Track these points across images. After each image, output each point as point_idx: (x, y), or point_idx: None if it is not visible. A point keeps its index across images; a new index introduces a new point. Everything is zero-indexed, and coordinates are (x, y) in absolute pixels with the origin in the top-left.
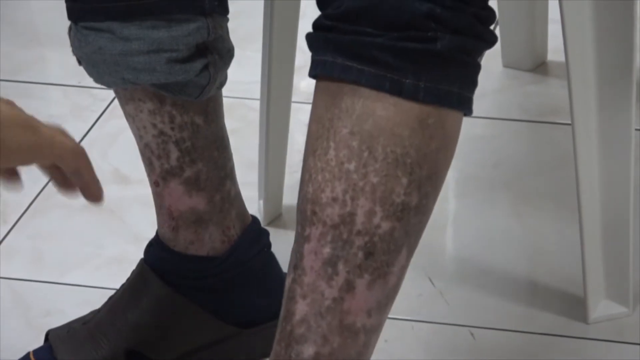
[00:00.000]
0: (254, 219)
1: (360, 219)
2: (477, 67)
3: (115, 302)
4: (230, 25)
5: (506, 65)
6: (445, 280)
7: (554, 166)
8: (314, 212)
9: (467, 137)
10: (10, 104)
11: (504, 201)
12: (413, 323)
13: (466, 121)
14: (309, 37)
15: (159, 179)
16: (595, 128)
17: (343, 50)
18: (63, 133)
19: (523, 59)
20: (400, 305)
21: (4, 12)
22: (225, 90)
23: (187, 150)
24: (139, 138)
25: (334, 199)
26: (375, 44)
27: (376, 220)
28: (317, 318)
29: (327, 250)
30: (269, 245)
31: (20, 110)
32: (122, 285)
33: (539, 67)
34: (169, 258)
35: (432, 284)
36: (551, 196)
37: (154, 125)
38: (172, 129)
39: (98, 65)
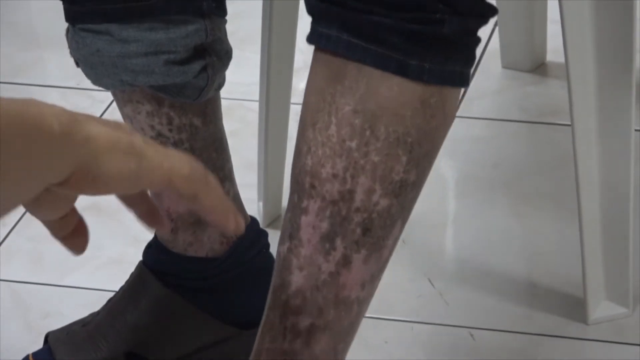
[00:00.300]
0: (253, 219)
1: (359, 196)
2: (477, 42)
3: (115, 304)
4: (229, 26)
5: (505, 66)
6: (445, 281)
7: (554, 167)
8: (312, 186)
9: (467, 138)
10: (118, 126)
11: (504, 202)
12: (412, 324)
13: (465, 122)
14: (313, 5)
15: None
16: (595, 128)
17: (350, 27)
18: (177, 156)
19: (522, 60)
20: (399, 306)
21: (3, 14)
22: (224, 92)
23: (185, 152)
24: None
25: (334, 175)
26: (383, 25)
27: (375, 197)
28: (314, 291)
29: (325, 225)
30: (267, 245)
31: (126, 132)
32: (121, 287)
33: (538, 67)
34: (167, 259)
35: (432, 284)
36: (551, 196)
37: (152, 127)
38: (170, 130)
39: (96, 67)
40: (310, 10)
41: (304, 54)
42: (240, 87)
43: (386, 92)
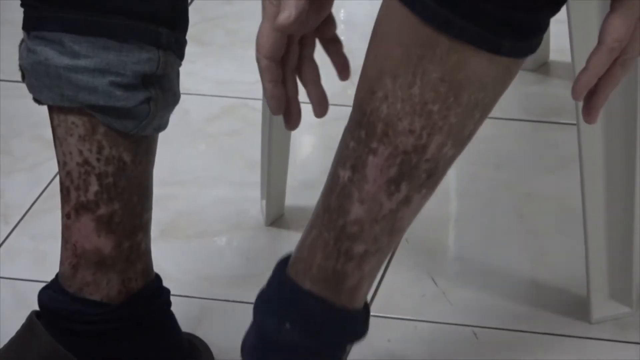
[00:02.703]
0: (157, 276)
1: (431, 150)
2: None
3: (1, 356)
4: (232, 26)
5: None
6: (448, 280)
7: (557, 166)
8: (385, 134)
9: None
10: None
11: (507, 201)
12: (416, 323)
13: None
14: None
15: (72, 211)
16: (601, 128)
17: (449, 3)
18: None
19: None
20: (403, 305)
21: (5, 13)
22: (227, 91)
23: (107, 187)
24: (62, 165)
25: (411, 132)
26: (482, 9)
27: (445, 150)
28: (372, 223)
29: (394, 170)
30: (168, 303)
31: None
32: (11, 338)
33: (541, 67)
34: (61, 299)
35: (435, 284)
36: (554, 196)
37: (81, 153)
38: (98, 160)
39: (40, 78)
40: None
41: None
42: (242, 85)
43: (476, 66)
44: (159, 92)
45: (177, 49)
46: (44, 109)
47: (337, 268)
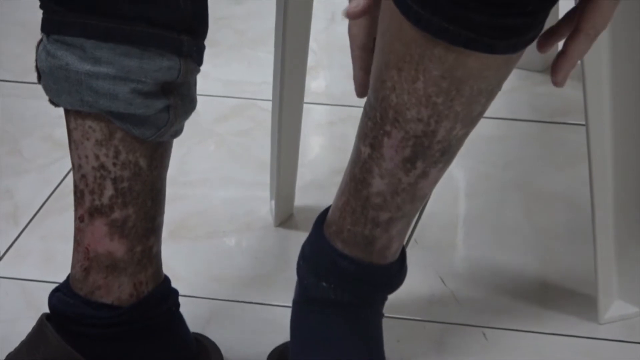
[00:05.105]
0: (166, 278)
1: (441, 133)
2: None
3: (13, 358)
4: (240, 26)
5: (517, 65)
6: (457, 280)
7: (565, 166)
8: (396, 119)
9: (478, 138)
10: None
11: (515, 201)
12: (425, 323)
13: None
14: None
15: (86, 214)
16: (609, 127)
17: (442, 12)
18: None
19: (533, 60)
20: (412, 306)
21: (16, 14)
22: (236, 91)
23: (122, 191)
24: (77, 168)
25: (419, 120)
26: (477, 20)
27: (455, 132)
28: (394, 195)
29: (408, 151)
30: (177, 305)
31: None
32: (22, 341)
33: (550, 67)
34: (72, 303)
35: (444, 284)
36: (562, 196)
37: (97, 157)
38: (115, 164)
39: (59, 82)
40: None
41: (316, 53)
42: (251, 86)
43: (474, 63)
44: (178, 99)
45: (197, 56)
46: (54, 109)
47: (365, 233)
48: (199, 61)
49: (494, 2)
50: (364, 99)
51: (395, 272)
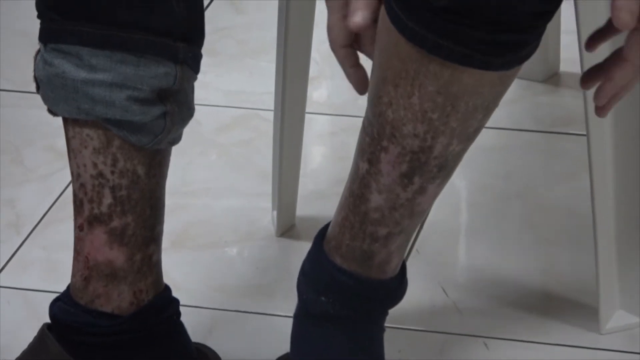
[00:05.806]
0: (167, 287)
1: (438, 149)
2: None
3: None
4: (242, 36)
5: (518, 76)
6: (459, 290)
7: (567, 176)
8: (393, 135)
9: (480, 148)
10: None
11: (517, 211)
12: (426, 333)
13: None
14: None
15: (85, 223)
16: (610, 138)
17: (436, 29)
18: None
19: (535, 70)
20: (413, 316)
21: (18, 23)
22: (238, 101)
23: (121, 199)
24: (75, 177)
25: (415, 135)
26: (471, 36)
27: (452, 147)
28: (392, 210)
29: (405, 166)
30: (178, 314)
31: None
32: (23, 351)
33: (551, 77)
34: (73, 312)
35: (446, 294)
36: (564, 206)
37: (95, 165)
38: (113, 172)
39: (56, 90)
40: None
41: (318, 63)
42: (253, 96)
43: (469, 79)
44: (175, 106)
45: (193, 63)
46: (56, 119)
47: (363, 248)
48: (195, 68)
49: (488, 19)
50: (365, 108)
51: (395, 287)
